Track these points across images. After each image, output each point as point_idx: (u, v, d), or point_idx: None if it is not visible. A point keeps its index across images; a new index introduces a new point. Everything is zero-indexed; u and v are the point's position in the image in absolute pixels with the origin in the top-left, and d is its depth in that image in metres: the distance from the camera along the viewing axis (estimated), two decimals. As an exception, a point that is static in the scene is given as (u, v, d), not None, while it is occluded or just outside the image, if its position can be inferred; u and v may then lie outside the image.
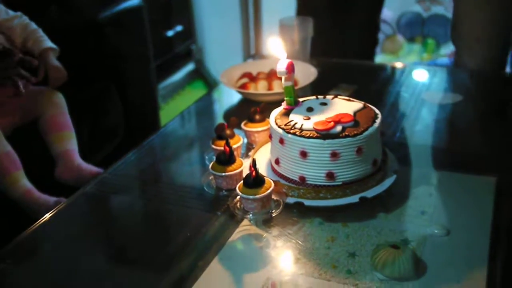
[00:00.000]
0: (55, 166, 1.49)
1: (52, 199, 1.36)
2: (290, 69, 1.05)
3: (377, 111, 1.08)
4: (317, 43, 1.66)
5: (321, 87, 1.51)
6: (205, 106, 1.55)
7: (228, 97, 1.47)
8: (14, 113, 1.47)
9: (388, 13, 3.28)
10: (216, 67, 3.26)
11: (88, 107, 1.82)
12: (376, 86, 1.54)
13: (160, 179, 1.22)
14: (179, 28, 3.14)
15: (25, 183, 1.38)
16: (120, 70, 2.02)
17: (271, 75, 1.47)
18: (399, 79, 1.60)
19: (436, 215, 1.01)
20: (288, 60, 1.05)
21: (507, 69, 1.88)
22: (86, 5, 1.99)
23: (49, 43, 1.57)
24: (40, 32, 1.58)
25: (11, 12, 1.54)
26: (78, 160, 1.49)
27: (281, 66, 1.04)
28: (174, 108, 2.91)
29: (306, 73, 1.46)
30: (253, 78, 1.47)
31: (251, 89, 1.43)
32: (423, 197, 1.06)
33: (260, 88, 1.44)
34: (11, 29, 1.52)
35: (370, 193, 1.02)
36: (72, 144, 1.51)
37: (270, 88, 1.44)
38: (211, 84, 3.22)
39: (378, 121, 1.04)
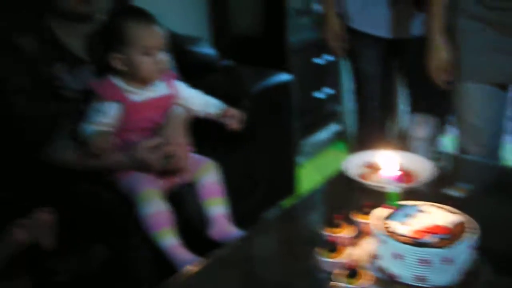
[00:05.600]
0: (206, 226, 1.72)
1: (193, 258, 1.57)
2: (398, 179, 1.21)
3: (475, 224, 1.19)
4: None
5: (437, 182, 1.63)
6: (333, 184, 1.71)
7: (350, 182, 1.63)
8: (175, 176, 1.75)
9: None
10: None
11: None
12: (492, 189, 1.62)
13: (277, 254, 1.43)
14: (328, 90, 3.34)
15: (175, 238, 1.61)
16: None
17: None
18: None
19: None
20: (399, 172, 1.21)
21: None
22: (242, 76, 2.28)
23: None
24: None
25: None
26: (229, 224, 1.72)
27: (387, 175, 1.21)
28: (315, 168, 3.09)
29: (425, 169, 1.58)
30: (374, 168, 1.62)
31: (371, 180, 1.58)
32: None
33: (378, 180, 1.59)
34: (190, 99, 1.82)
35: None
36: (223, 209, 1.74)
37: (388, 180, 1.59)
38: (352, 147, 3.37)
39: (472, 236, 1.16)
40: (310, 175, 2.85)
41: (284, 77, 2.26)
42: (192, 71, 2.17)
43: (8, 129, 1.74)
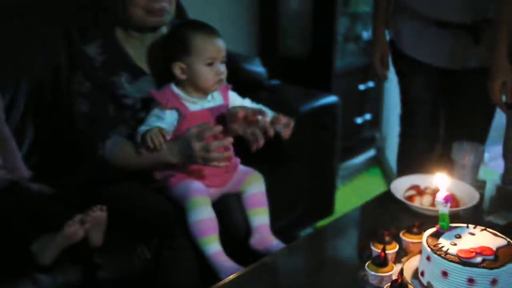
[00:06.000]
0: (248, 236, 1.77)
1: (235, 266, 1.62)
2: (447, 200, 1.27)
3: (517, 249, 1.24)
4: None
5: (480, 209, 1.67)
6: (375, 206, 1.77)
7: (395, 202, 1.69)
8: (224, 184, 1.82)
9: None
10: (395, 158, 3.45)
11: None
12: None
13: (322, 265, 1.49)
14: (367, 116, 3.40)
15: (217, 245, 1.66)
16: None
17: (437, 192, 1.66)
18: None
19: None
20: (447, 193, 1.26)
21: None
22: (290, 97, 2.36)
23: None
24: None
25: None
26: (270, 234, 1.77)
27: (440, 197, 1.26)
28: (350, 192, 3.14)
29: (469, 196, 1.64)
30: (420, 192, 1.68)
31: (416, 203, 1.64)
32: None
33: (424, 202, 1.64)
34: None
35: (498, 320, 1.18)
36: (266, 219, 1.79)
37: (433, 204, 1.63)
38: (387, 173, 3.42)
39: (517, 259, 1.20)
40: (345, 199, 2.91)
41: (331, 99, 2.34)
42: (241, 87, 2.25)
43: (69, 128, 1.84)
